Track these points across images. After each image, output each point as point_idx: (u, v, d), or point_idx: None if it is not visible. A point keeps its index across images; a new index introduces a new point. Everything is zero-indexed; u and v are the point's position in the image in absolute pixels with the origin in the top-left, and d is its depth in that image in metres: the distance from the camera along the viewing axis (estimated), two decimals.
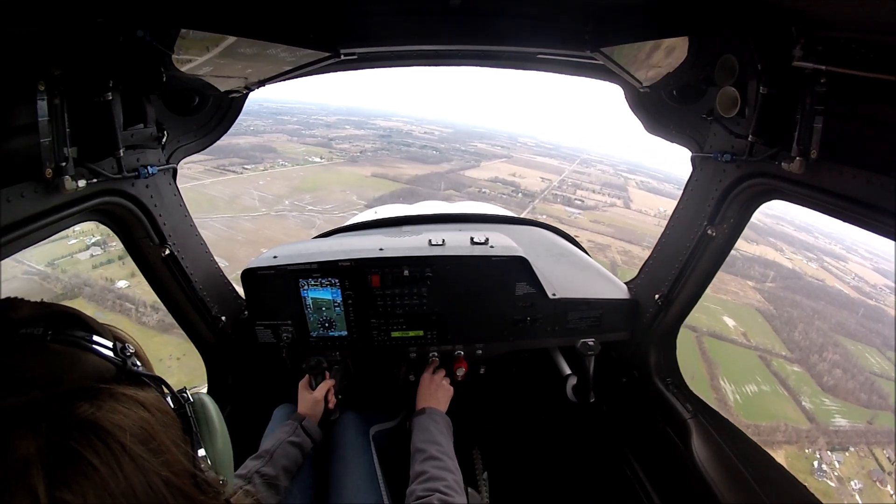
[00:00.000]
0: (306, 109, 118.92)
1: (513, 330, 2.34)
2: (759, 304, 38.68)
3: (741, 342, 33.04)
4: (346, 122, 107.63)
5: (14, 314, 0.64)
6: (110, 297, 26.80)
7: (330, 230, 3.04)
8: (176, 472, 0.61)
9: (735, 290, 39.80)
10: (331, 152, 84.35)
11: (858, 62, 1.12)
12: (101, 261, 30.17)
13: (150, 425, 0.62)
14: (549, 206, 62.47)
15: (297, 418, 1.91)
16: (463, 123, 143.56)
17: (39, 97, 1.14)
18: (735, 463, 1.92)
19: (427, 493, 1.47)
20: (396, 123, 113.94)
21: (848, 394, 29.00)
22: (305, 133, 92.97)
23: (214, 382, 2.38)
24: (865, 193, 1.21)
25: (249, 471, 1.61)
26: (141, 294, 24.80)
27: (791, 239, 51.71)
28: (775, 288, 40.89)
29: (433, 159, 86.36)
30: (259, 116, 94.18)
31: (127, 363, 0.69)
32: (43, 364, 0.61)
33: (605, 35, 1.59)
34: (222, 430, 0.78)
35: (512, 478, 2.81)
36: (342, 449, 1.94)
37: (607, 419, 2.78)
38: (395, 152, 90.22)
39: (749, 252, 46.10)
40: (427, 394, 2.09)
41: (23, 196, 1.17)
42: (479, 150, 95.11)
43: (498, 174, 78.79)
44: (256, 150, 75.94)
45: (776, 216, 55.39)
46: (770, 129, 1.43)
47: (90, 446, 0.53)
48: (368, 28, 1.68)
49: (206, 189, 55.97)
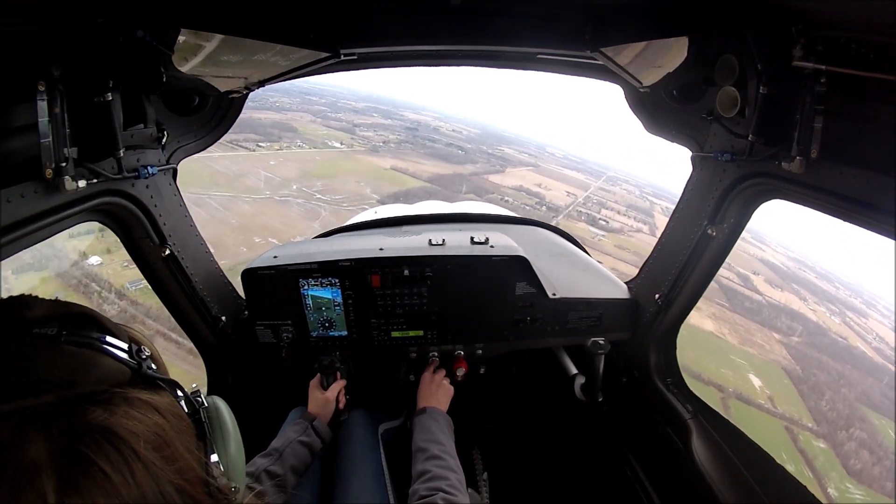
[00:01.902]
0: (336, 92, 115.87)
1: (513, 330, 2.34)
2: (786, 361, 35.77)
3: (767, 408, 30.13)
4: (374, 109, 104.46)
5: (28, 313, 0.62)
6: (77, 273, 24.32)
7: (330, 230, 3.05)
8: (189, 480, 0.60)
9: (761, 342, 37.43)
10: (353, 139, 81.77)
11: (858, 62, 1.12)
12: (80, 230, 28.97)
13: (165, 431, 0.61)
14: (574, 224, 57.21)
15: (307, 418, 1.91)
16: (492, 126, 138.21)
17: (39, 97, 1.13)
18: (735, 463, 1.92)
19: (430, 493, 1.47)
20: (425, 117, 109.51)
21: (873, 481, 26.24)
22: (331, 116, 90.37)
23: (214, 382, 2.37)
24: (865, 193, 1.21)
25: (258, 469, 1.61)
26: (110, 275, 23.17)
27: (814, 287, 48.66)
28: (801, 343, 38.28)
29: (457, 159, 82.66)
30: (288, 94, 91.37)
31: (142, 366, 0.67)
32: (57, 366, 0.59)
33: (605, 35, 1.59)
34: (236, 435, 0.77)
35: (512, 478, 2.81)
36: (350, 447, 1.94)
37: (607, 419, 2.78)
38: (419, 147, 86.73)
39: (774, 298, 43.83)
40: (427, 394, 2.09)
41: (23, 196, 1.17)
42: (506, 156, 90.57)
43: (523, 182, 73.94)
44: (276, 128, 73.32)
45: (798, 260, 54.03)
46: (770, 128, 1.43)
47: (102, 452, 0.52)
48: (368, 28, 1.68)
49: (213, 163, 52.30)
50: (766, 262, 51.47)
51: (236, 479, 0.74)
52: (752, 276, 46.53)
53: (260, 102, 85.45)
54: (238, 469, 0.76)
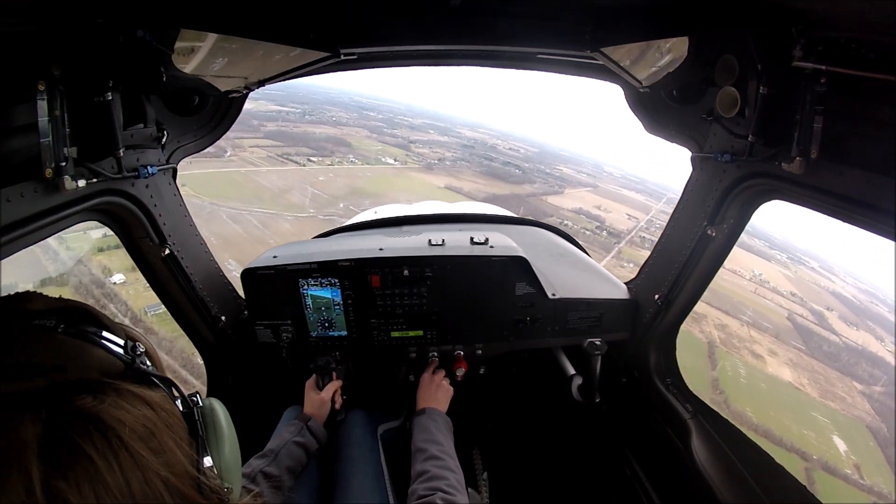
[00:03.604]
0: (394, 108, 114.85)
1: (512, 330, 2.34)
2: (869, 417, 31.58)
3: (855, 479, 25.74)
4: (431, 126, 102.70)
5: (30, 306, 0.66)
6: (97, 292, 22.17)
7: (330, 230, 3.04)
8: (176, 473, 0.61)
9: (843, 393, 33.23)
10: (407, 155, 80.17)
11: (858, 62, 1.12)
12: None
13: (154, 423, 0.62)
14: (637, 251, 50.44)
15: (302, 418, 1.91)
16: (549, 144, 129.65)
17: (39, 97, 1.13)
18: (735, 463, 1.92)
19: (429, 493, 1.47)
20: (482, 135, 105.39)
21: None
22: (386, 131, 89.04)
23: (214, 382, 2.38)
24: (865, 193, 1.21)
25: (253, 470, 1.61)
26: (131, 296, 21.70)
27: (888, 325, 43.16)
28: (884, 395, 33.99)
29: (515, 178, 78.93)
30: (346, 108, 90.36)
31: (136, 361, 0.69)
32: (49, 352, 0.62)
33: (605, 35, 1.59)
34: (231, 437, 0.77)
35: (512, 478, 2.80)
36: (349, 448, 1.94)
37: (607, 419, 2.78)
38: (476, 165, 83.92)
39: (851, 339, 38.93)
40: (427, 394, 2.09)
41: (23, 196, 1.17)
42: (564, 175, 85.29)
43: (582, 205, 67.97)
44: (330, 142, 72.55)
45: (869, 292, 48.44)
46: (770, 129, 1.43)
47: (88, 437, 0.53)
48: (368, 28, 1.68)
49: (259, 177, 51.39)
50: (837, 296, 47.22)
51: (230, 479, 0.74)
52: (827, 312, 42.43)
53: (317, 116, 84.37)
54: (232, 470, 0.76)
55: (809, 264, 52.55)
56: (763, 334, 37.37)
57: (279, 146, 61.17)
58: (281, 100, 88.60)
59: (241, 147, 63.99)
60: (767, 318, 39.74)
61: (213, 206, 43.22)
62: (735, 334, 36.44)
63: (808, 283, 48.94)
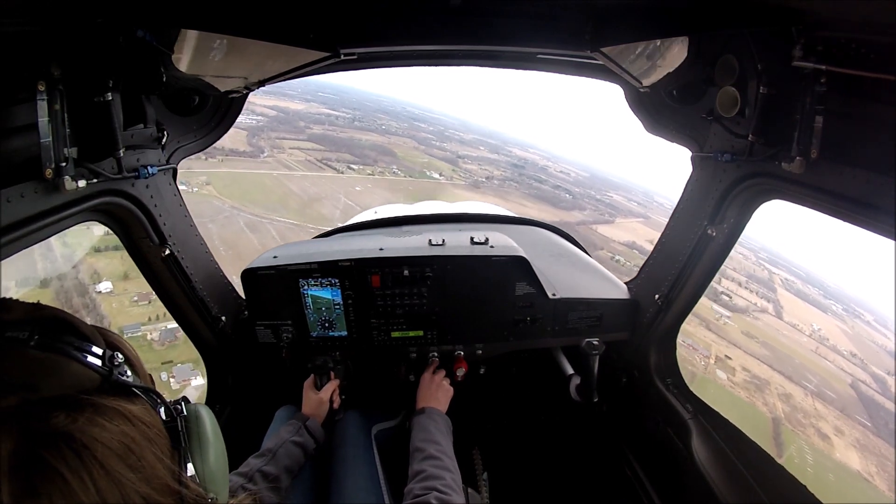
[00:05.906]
0: (446, 122, 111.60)
1: (513, 330, 2.34)
2: None
3: None
4: (482, 142, 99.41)
5: (5, 315, 0.63)
6: (77, 301, 20.18)
7: (330, 230, 3.04)
8: (156, 488, 0.60)
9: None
10: (454, 170, 77.00)
11: (858, 62, 1.12)
12: None
13: (132, 439, 0.61)
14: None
15: (300, 418, 1.91)
16: (599, 169, 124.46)
17: (39, 97, 1.13)
18: (735, 463, 1.92)
19: (424, 492, 1.47)
20: (533, 155, 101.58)
21: None
22: (436, 144, 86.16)
23: (214, 383, 2.37)
24: (865, 193, 1.21)
25: (251, 469, 1.61)
26: (114, 309, 19.63)
27: None
28: None
29: (564, 204, 74.21)
30: (396, 118, 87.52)
31: (114, 373, 0.67)
32: (21, 369, 0.59)
33: (605, 35, 1.59)
34: (216, 444, 0.76)
35: (512, 478, 2.80)
36: (344, 448, 1.94)
37: (607, 419, 2.78)
38: (524, 186, 79.41)
39: None
40: (427, 394, 2.09)
41: (23, 196, 1.17)
42: (615, 203, 79.00)
43: (635, 238, 60.48)
44: (374, 150, 69.60)
45: None
46: (770, 128, 1.43)
47: (61, 456, 0.52)
48: (368, 28, 1.68)
49: (290, 182, 48.22)
50: (892, 354, 42.78)
51: (215, 488, 0.72)
52: (888, 377, 37.98)
53: (366, 123, 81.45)
54: (217, 479, 0.74)
55: (864, 318, 47.03)
56: (828, 407, 33.08)
57: (321, 150, 58.34)
58: (333, 104, 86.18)
59: (281, 148, 61.24)
60: (831, 386, 35.63)
61: (232, 211, 41.55)
62: (799, 407, 32.66)
63: (866, 340, 43.79)
